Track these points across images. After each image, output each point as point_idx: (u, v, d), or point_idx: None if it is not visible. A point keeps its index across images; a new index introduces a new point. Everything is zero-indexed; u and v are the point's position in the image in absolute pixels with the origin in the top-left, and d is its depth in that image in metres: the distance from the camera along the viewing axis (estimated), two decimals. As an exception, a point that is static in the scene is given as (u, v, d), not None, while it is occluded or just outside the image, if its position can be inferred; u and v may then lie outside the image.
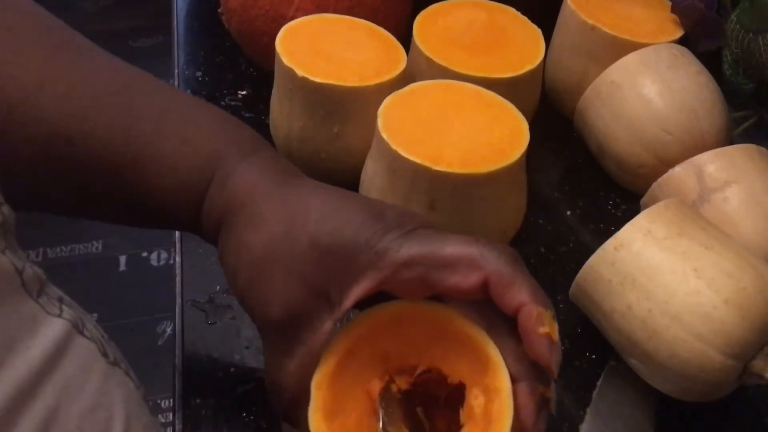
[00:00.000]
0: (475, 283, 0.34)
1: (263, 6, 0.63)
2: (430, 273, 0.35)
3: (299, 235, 0.37)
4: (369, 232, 0.36)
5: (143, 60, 2.22)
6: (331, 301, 0.36)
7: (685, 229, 0.47)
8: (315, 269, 0.36)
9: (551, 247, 0.60)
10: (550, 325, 0.34)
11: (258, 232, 0.38)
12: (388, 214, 0.37)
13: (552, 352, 0.34)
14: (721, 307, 0.43)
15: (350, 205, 0.38)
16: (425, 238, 0.35)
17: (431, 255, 0.35)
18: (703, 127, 0.57)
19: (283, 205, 0.38)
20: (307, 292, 0.37)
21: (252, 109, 0.69)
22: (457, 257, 0.35)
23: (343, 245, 0.36)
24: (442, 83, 0.54)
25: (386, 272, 0.35)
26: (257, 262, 0.38)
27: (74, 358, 0.34)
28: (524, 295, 0.34)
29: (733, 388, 0.47)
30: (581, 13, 0.62)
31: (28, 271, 0.34)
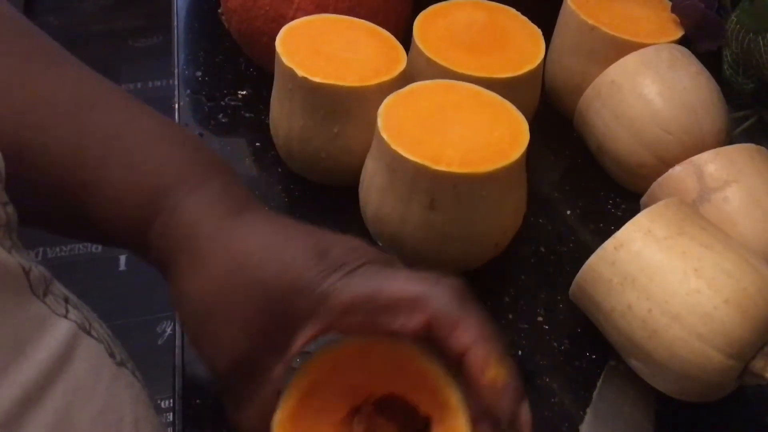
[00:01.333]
0: (418, 326, 0.33)
1: (263, 6, 0.63)
2: (373, 317, 0.34)
3: (240, 283, 0.36)
4: (311, 274, 0.35)
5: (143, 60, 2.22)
6: (278, 345, 0.36)
7: (685, 228, 0.47)
8: (258, 316, 0.35)
9: (551, 247, 0.60)
10: (496, 368, 0.32)
11: (198, 281, 0.37)
12: (333, 252, 0.35)
13: (501, 396, 0.32)
14: (721, 307, 0.43)
15: (294, 244, 0.36)
16: (368, 279, 0.34)
17: (372, 298, 0.34)
18: (703, 126, 0.57)
19: (223, 249, 0.37)
20: (252, 340, 0.36)
21: (252, 109, 0.69)
22: (399, 299, 0.33)
23: (285, 291, 0.35)
24: (442, 83, 0.54)
25: (328, 320, 0.34)
26: (199, 313, 0.37)
27: (83, 359, 0.34)
28: (468, 338, 0.32)
29: (733, 388, 0.47)
30: (581, 13, 0.62)
31: (34, 271, 0.34)
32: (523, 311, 0.55)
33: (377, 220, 0.53)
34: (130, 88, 2.15)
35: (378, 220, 0.53)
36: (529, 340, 0.53)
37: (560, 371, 0.52)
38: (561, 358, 0.53)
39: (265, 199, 0.61)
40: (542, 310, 0.55)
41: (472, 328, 0.33)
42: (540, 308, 0.55)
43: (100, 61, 2.45)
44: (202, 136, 0.66)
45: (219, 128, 0.67)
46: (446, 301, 0.33)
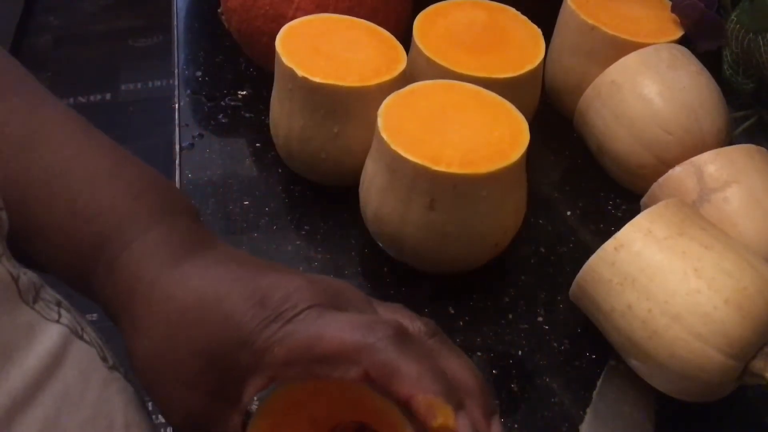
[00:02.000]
0: (355, 378, 0.33)
1: (263, 6, 0.63)
2: (312, 369, 0.33)
3: (179, 343, 0.35)
4: (248, 328, 0.34)
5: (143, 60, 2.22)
6: (229, 396, 0.35)
7: (686, 229, 0.47)
8: (202, 376, 0.35)
9: (551, 247, 0.60)
10: (442, 414, 0.31)
11: (140, 341, 0.36)
12: (270, 301, 0.35)
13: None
14: (721, 307, 0.43)
15: (230, 297, 0.35)
16: (305, 328, 0.34)
17: (308, 351, 0.33)
18: (703, 127, 0.57)
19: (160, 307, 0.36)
20: (201, 397, 0.35)
21: (252, 109, 0.69)
22: (334, 351, 0.33)
23: (224, 348, 0.34)
24: (442, 83, 0.54)
25: (269, 373, 0.34)
26: (145, 374, 0.36)
27: (73, 364, 0.34)
28: (407, 386, 0.32)
29: (733, 388, 0.47)
30: (581, 13, 0.62)
31: (23, 278, 0.34)
32: (523, 311, 0.55)
33: (377, 220, 0.53)
34: (130, 88, 2.16)
35: (378, 220, 0.53)
36: (529, 340, 0.53)
37: (560, 371, 0.52)
38: (561, 358, 0.53)
39: (265, 199, 0.61)
40: (542, 310, 0.55)
41: (410, 375, 0.32)
42: (540, 308, 0.55)
43: (100, 61, 2.46)
44: (202, 137, 0.66)
45: (219, 128, 0.67)
46: (380, 350, 0.32)
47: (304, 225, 0.60)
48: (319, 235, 0.59)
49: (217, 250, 0.39)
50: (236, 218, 0.60)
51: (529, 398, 0.51)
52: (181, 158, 0.64)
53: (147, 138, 1.94)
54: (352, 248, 0.58)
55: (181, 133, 0.67)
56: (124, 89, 2.15)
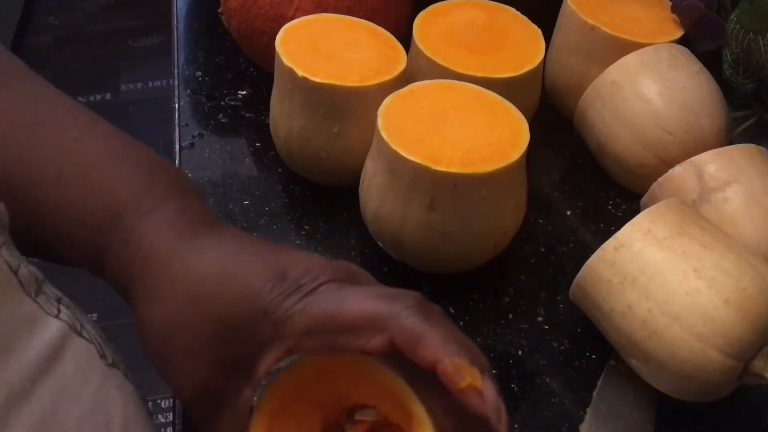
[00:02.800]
0: (379, 345, 0.33)
1: (263, 6, 0.63)
2: (333, 338, 0.33)
3: (197, 313, 0.35)
4: (269, 298, 0.34)
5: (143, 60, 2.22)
6: (243, 369, 0.35)
7: (686, 228, 0.47)
8: (218, 346, 0.35)
9: (551, 247, 0.60)
10: (470, 375, 0.32)
11: (155, 312, 0.36)
12: (291, 274, 0.35)
13: (483, 402, 0.32)
14: (721, 307, 0.43)
15: (250, 268, 0.35)
16: (325, 300, 0.34)
17: (330, 320, 0.33)
18: (704, 126, 0.57)
19: (178, 277, 0.36)
20: (214, 368, 0.35)
21: (252, 109, 0.69)
22: (357, 319, 0.33)
23: (244, 318, 0.35)
24: (442, 83, 0.54)
25: (288, 343, 0.34)
26: (159, 344, 0.36)
27: (72, 360, 0.34)
28: (434, 351, 0.32)
29: (733, 388, 0.47)
30: (581, 13, 0.62)
31: (23, 270, 0.34)
32: (523, 311, 0.55)
33: (377, 220, 0.53)
34: (130, 88, 2.16)
35: (378, 220, 0.53)
36: (529, 340, 0.53)
37: (560, 371, 0.52)
38: (561, 358, 0.53)
39: (265, 199, 0.61)
40: (542, 310, 0.55)
41: (436, 340, 0.32)
42: (540, 308, 0.55)
43: (100, 61, 2.46)
44: (202, 137, 0.66)
45: (219, 128, 0.67)
46: (406, 317, 0.33)
47: (304, 225, 0.60)
48: (319, 235, 0.59)
49: (229, 229, 0.40)
50: (236, 218, 0.60)
51: (529, 398, 0.51)
52: (181, 158, 0.64)
53: (147, 138, 1.93)
54: (352, 248, 0.58)
55: (181, 132, 0.67)
56: (124, 89, 2.16)
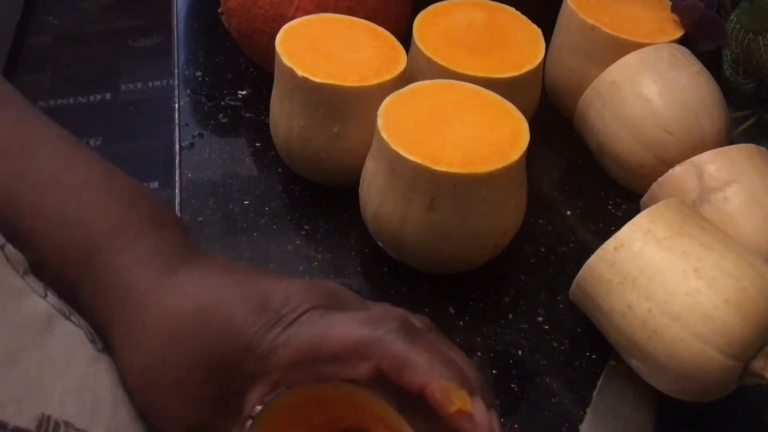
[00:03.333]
0: (366, 373, 0.33)
1: (263, 6, 0.63)
2: (319, 369, 0.33)
3: (177, 354, 0.34)
4: (251, 332, 0.34)
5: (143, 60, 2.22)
6: (229, 406, 0.35)
7: (686, 228, 0.47)
8: (202, 386, 0.34)
9: (551, 247, 0.60)
10: (458, 398, 0.32)
11: (133, 354, 0.35)
12: (272, 303, 0.34)
13: (474, 425, 0.32)
14: (721, 307, 0.43)
15: (230, 302, 0.35)
16: (309, 329, 0.33)
17: (315, 351, 0.33)
18: (704, 126, 0.57)
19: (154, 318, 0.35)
20: (199, 409, 0.35)
21: (252, 109, 0.69)
22: (342, 348, 0.33)
23: (226, 357, 0.34)
24: (442, 83, 0.54)
25: (274, 377, 0.34)
26: (141, 388, 0.35)
27: (60, 338, 0.33)
28: (421, 375, 0.32)
29: (733, 388, 0.47)
30: (581, 13, 0.62)
31: (10, 248, 0.33)
32: (523, 311, 0.55)
33: (377, 220, 0.53)
34: (130, 88, 2.16)
35: (378, 220, 0.53)
36: (529, 340, 0.53)
37: (560, 371, 0.52)
38: (561, 358, 0.53)
39: (265, 199, 0.61)
40: (542, 310, 0.55)
41: (422, 364, 0.32)
42: (540, 308, 0.55)
43: (100, 61, 2.46)
44: (202, 137, 0.66)
45: (219, 128, 0.67)
46: (391, 342, 0.32)
47: (304, 225, 0.60)
48: (319, 235, 0.59)
49: (209, 259, 0.39)
50: (236, 218, 0.60)
51: (529, 398, 0.51)
52: (181, 158, 0.64)
53: (147, 138, 1.95)
54: (352, 248, 0.58)
55: (181, 132, 0.67)
56: (124, 89, 2.16)
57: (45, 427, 0.29)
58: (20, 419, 0.28)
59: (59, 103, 2.07)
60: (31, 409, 0.29)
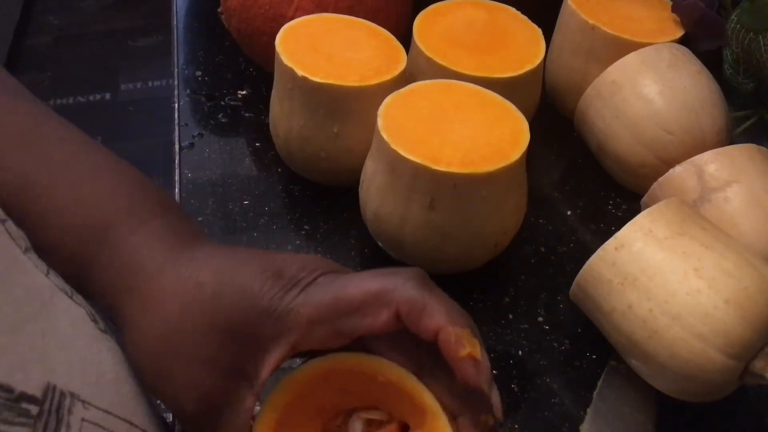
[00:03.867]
0: (387, 321, 0.33)
1: (263, 6, 0.63)
2: (340, 323, 0.34)
3: (196, 318, 0.35)
4: (269, 296, 0.34)
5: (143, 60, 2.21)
6: (246, 374, 0.35)
7: (686, 228, 0.47)
8: (221, 351, 0.35)
9: (551, 247, 0.60)
10: (470, 345, 0.33)
11: (151, 320, 0.36)
12: (287, 271, 0.35)
13: (478, 372, 0.33)
14: (721, 307, 0.43)
15: (246, 271, 0.35)
16: (326, 288, 0.34)
17: (335, 305, 0.34)
18: (704, 126, 0.57)
19: (174, 284, 0.36)
20: (216, 376, 0.35)
21: (252, 109, 0.69)
22: (362, 299, 0.34)
23: (245, 318, 0.34)
24: (442, 83, 0.54)
25: (295, 336, 0.34)
26: (157, 355, 0.35)
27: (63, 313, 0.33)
28: (438, 319, 0.33)
29: (733, 388, 0.47)
30: (581, 13, 0.62)
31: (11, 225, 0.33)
32: (523, 311, 0.55)
33: (377, 220, 0.53)
34: (130, 87, 2.16)
35: (378, 220, 0.53)
36: (529, 340, 0.53)
37: (560, 371, 0.52)
38: (561, 358, 0.53)
39: (265, 199, 0.61)
40: (542, 310, 0.55)
41: (439, 310, 0.33)
42: (540, 308, 0.55)
43: (100, 61, 2.46)
44: (202, 136, 0.66)
45: (219, 128, 0.67)
46: (410, 288, 0.33)
47: (304, 225, 0.60)
48: (319, 235, 0.59)
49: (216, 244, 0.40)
50: (236, 218, 0.60)
51: (529, 398, 0.50)
52: (180, 158, 0.64)
53: (147, 138, 1.95)
54: (352, 248, 0.58)
55: (181, 132, 0.67)
56: (124, 89, 2.16)
57: (51, 395, 0.29)
58: (27, 386, 0.28)
59: (59, 103, 2.07)
60: (37, 378, 0.29)
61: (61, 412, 0.29)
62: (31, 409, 0.28)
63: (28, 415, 0.28)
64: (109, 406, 0.33)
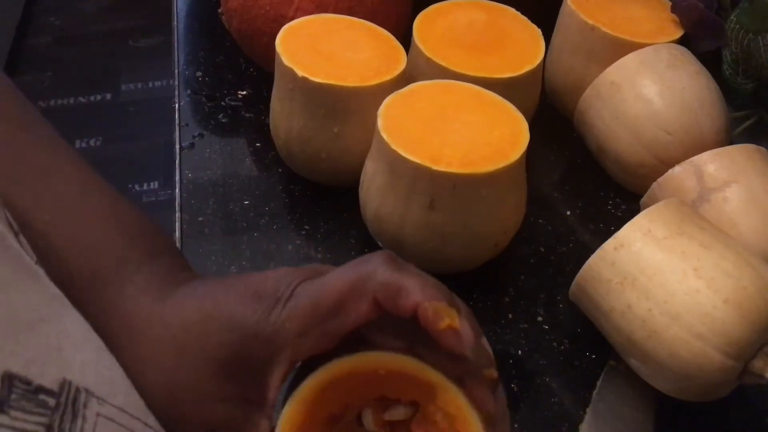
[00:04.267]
0: (367, 311, 0.34)
1: (263, 6, 0.63)
2: (325, 327, 0.35)
3: (190, 361, 0.36)
4: (252, 322, 0.35)
5: (143, 60, 2.22)
6: (253, 401, 0.36)
7: (685, 228, 0.47)
8: (223, 384, 0.36)
9: (551, 247, 0.60)
10: (448, 316, 0.34)
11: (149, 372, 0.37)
12: (265, 290, 0.36)
13: (460, 341, 0.34)
14: (720, 307, 0.44)
15: (227, 301, 0.36)
16: (305, 296, 0.35)
17: (316, 311, 0.35)
18: (703, 127, 0.57)
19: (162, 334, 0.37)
20: (227, 407, 0.36)
21: (252, 109, 0.69)
22: (339, 297, 0.34)
23: (236, 351, 0.35)
24: (442, 83, 0.54)
25: (288, 352, 0.35)
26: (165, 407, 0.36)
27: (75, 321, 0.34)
28: (414, 297, 0.34)
29: (732, 387, 0.47)
30: (581, 13, 0.62)
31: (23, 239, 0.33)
32: (523, 311, 0.55)
33: (377, 220, 0.53)
34: (130, 88, 2.16)
35: (378, 220, 0.53)
36: (529, 340, 0.53)
37: (560, 371, 0.52)
38: (561, 358, 0.53)
39: (265, 199, 0.61)
40: (542, 310, 0.55)
41: (414, 288, 0.34)
42: (540, 308, 0.55)
43: (100, 61, 2.46)
44: (202, 137, 0.66)
45: (219, 128, 0.67)
46: (381, 273, 0.34)
47: (304, 225, 0.60)
48: (319, 235, 0.59)
49: (201, 279, 0.41)
50: (236, 218, 0.60)
51: (529, 398, 0.51)
52: (181, 158, 0.64)
53: (148, 138, 1.95)
54: (352, 248, 0.58)
55: (181, 132, 0.67)
56: (124, 89, 2.16)
57: (67, 390, 0.30)
58: (43, 380, 0.29)
59: (59, 103, 2.07)
60: (53, 373, 0.30)
61: (77, 405, 0.30)
62: (48, 401, 0.29)
63: (45, 407, 0.29)
64: (123, 404, 0.34)
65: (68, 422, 0.29)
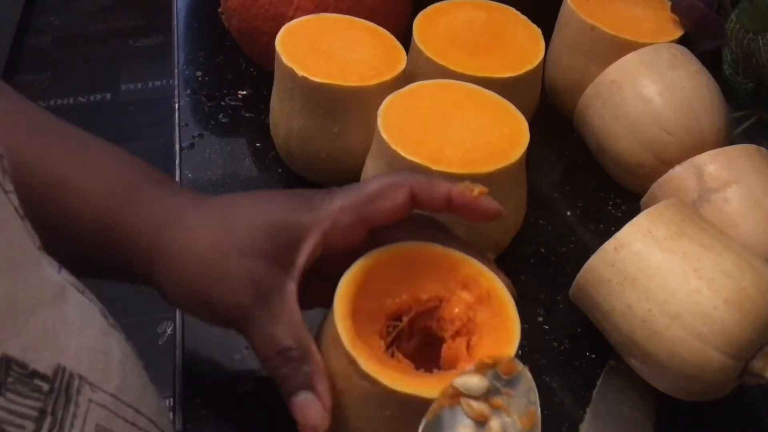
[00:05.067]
0: (404, 198, 0.40)
1: (263, 5, 0.63)
2: (365, 209, 0.41)
3: (239, 227, 0.41)
4: (300, 200, 0.42)
5: (143, 60, 2.22)
6: (284, 264, 0.41)
7: (685, 229, 0.47)
8: (266, 243, 0.40)
9: (551, 247, 0.60)
10: (477, 188, 0.41)
11: (199, 238, 0.42)
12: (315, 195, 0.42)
13: (492, 202, 0.42)
14: (720, 307, 0.44)
15: (273, 194, 0.43)
16: (348, 188, 0.42)
17: (359, 195, 0.41)
18: (703, 127, 0.57)
19: (212, 211, 0.43)
20: (266, 264, 0.40)
21: (252, 109, 0.69)
22: (381, 188, 0.41)
23: (283, 217, 0.41)
24: (442, 83, 0.54)
25: (327, 223, 0.40)
26: (210, 260, 0.41)
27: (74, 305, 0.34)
28: (444, 186, 0.41)
29: (732, 387, 0.47)
30: (581, 13, 0.62)
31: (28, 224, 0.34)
32: (523, 311, 0.55)
33: (377, 220, 0.53)
34: (130, 88, 2.16)
35: (378, 220, 0.53)
36: (529, 340, 0.53)
37: (560, 371, 0.52)
38: (561, 358, 0.53)
39: (265, 199, 0.61)
40: (542, 310, 0.55)
41: (440, 181, 0.41)
42: (540, 308, 0.55)
43: (100, 61, 2.46)
44: (202, 137, 0.66)
45: (219, 128, 0.67)
46: (414, 176, 0.42)
47: (304, 225, 0.60)
48: (319, 235, 0.59)
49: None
50: (236, 218, 0.60)
51: (529, 398, 0.50)
52: (181, 158, 0.64)
53: (147, 138, 1.94)
54: (352, 248, 0.58)
55: (181, 133, 0.67)
56: (124, 89, 2.16)
57: (61, 376, 0.31)
58: (38, 365, 0.30)
59: (59, 103, 2.07)
60: (48, 358, 0.30)
61: (70, 391, 0.31)
62: (42, 386, 0.29)
63: (40, 391, 0.29)
64: (116, 391, 0.34)
65: (61, 407, 0.30)
